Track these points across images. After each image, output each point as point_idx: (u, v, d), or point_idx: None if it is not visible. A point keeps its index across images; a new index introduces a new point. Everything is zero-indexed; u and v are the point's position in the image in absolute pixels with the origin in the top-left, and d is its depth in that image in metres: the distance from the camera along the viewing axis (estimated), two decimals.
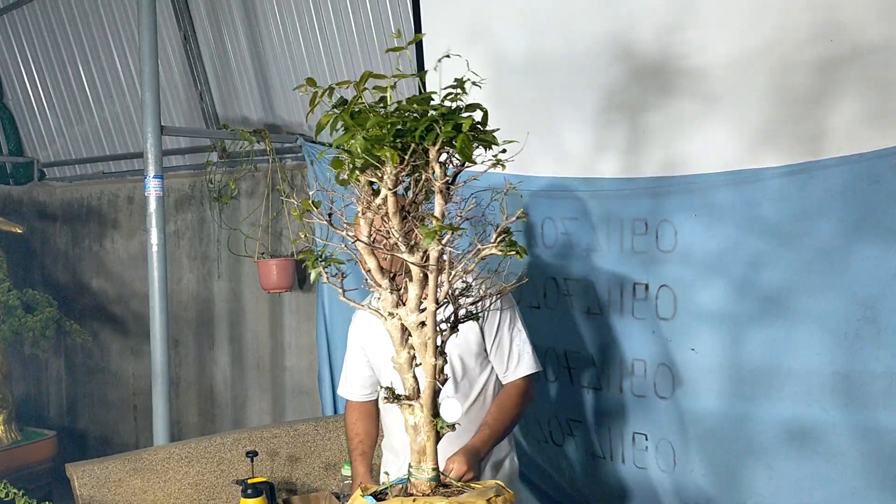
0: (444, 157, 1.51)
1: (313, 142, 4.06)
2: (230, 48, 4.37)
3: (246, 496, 2.31)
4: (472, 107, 1.50)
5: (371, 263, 1.54)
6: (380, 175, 1.48)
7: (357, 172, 1.50)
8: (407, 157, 1.45)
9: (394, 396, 1.59)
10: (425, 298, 1.54)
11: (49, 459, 4.68)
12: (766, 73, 2.36)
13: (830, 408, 2.29)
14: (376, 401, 2.54)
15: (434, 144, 1.45)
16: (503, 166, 1.51)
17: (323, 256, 1.53)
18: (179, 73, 4.67)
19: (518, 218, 1.58)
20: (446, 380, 1.60)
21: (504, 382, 2.47)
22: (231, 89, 4.48)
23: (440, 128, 1.43)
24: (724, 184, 2.47)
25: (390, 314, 1.55)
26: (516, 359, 2.43)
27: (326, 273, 1.56)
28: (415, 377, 1.60)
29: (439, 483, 1.61)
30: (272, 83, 4.26)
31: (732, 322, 2.49)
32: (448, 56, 1.57)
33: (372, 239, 1.55)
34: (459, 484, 1.66)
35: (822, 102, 2.26)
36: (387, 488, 1.62)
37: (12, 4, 5.41)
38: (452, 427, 1.59)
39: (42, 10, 5.31)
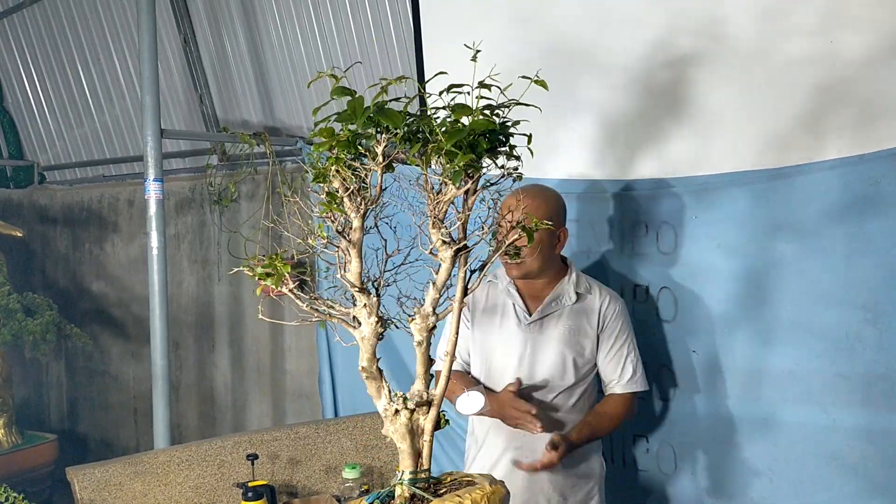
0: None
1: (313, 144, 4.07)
2: (230, 51, 4.37)
3: (247, 499, 2.31)
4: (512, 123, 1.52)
5: (356, 268, 1.52)
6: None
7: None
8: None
9: (419, 403, 1.56)
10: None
11: (50, 463, 4.68)
12: (765, 76, 2.36)
13: (832, 410, 2.28)
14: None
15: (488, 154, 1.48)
16: (520, 177, 1.54)
17: (269, 262, 1.51)
18: (179, 76, 4.67)
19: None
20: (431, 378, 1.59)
21: (609, 392, 2.48)
22: (231, 92, 4.49)
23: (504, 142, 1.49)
24: (723, 186, 2.47)
25: (378, 319, 1.53)
26: (630, 372, 2.46)
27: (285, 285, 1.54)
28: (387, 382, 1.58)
29: (435, 480, 1.62)
30: (272, 86, 4.26)
31: (733, 324, 2.49)
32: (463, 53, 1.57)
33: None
34: (448, 480, 1.66)
35: (822, 104, 2.26)
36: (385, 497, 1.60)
37: (12, 8, 5.42)
38: (446, 422, 1.58)
39: (42, 13, 5.32)
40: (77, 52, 5.27)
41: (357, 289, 1.50)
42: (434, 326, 1.55)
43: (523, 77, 1.53)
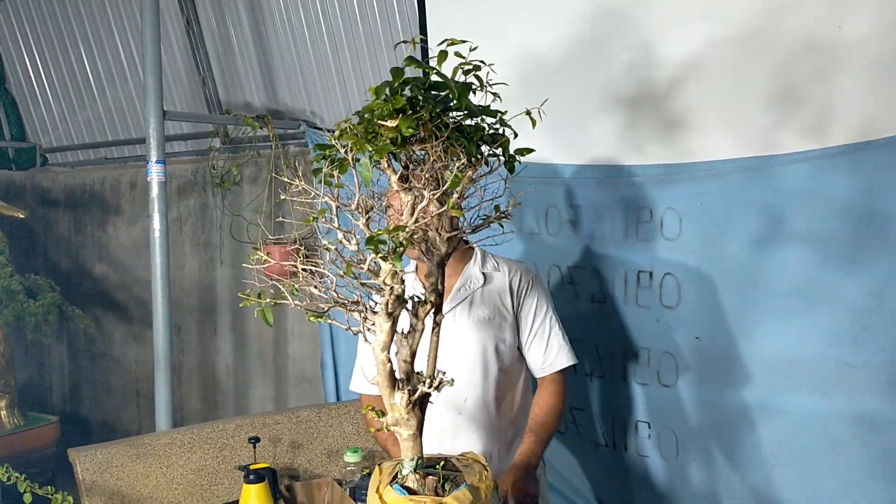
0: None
1: (317, 128, 4.05)
2: (233, 33, 4.34)
3: (248, 482, 2.30)
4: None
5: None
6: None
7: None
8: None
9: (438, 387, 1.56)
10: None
11: (52, 444, 4.68)
12: (772, 61, 2.34)
13: (836, 398, 2.28)
14: None
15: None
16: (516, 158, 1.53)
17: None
18: (182, 58, 4.65)
19: (512, 206, 1.58)
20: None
21: (539, 376, 2.33)
22: (234, 74, 4.47)
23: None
24: (729, 172, 2.45)
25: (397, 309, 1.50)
26: (554, 351, 2.30)
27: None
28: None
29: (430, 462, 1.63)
30: (275, 68, 4.24)
31: (737, 311, 2.48)
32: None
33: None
34: (437, 459, 1.67)
35: (829, 90, 2.24)
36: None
37: None
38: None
39: None
40: (80, 34, 5.25)
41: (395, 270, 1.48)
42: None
43: (484, 86, 1.50)
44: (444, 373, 1.56)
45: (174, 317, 3.81)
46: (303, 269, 1.49)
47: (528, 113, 1.52)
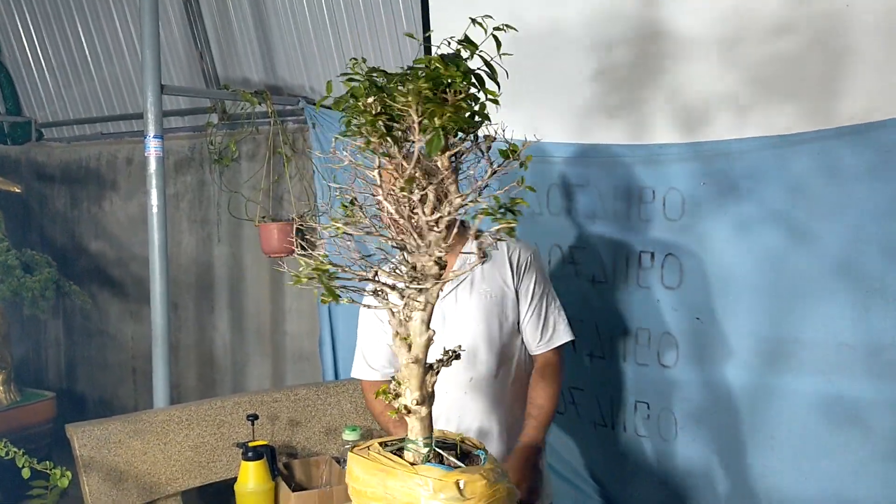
0: None
1: (316, 105, 4.02)
2: (231, 7, 4.30)
3: (247, 459, 2.30)
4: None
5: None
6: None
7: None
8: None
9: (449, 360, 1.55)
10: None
11: (49, 420, 4.69)
12: (777, 40, 2.31)
13: (836, 379, 2.27)
14: None
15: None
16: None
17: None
18: (180, 32, 4.60)
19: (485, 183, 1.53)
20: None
21: (534, 353, 2.32)
22: (232, 49, 4.42)
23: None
24: (733, 152, 2.44)
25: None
26: (551, 328, 2.30)
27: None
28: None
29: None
30: (274, 44, 4.20)
31: (738, 292, 2.47)
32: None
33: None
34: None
35: (833, 70, 2.22)
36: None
37: None
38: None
39: None
40: (76, 7, 5.19)
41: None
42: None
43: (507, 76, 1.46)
44: (461, 345, 1.55)
45: (171, 294, 3.80)
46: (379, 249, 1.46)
47: (490, 103, 1.49)
